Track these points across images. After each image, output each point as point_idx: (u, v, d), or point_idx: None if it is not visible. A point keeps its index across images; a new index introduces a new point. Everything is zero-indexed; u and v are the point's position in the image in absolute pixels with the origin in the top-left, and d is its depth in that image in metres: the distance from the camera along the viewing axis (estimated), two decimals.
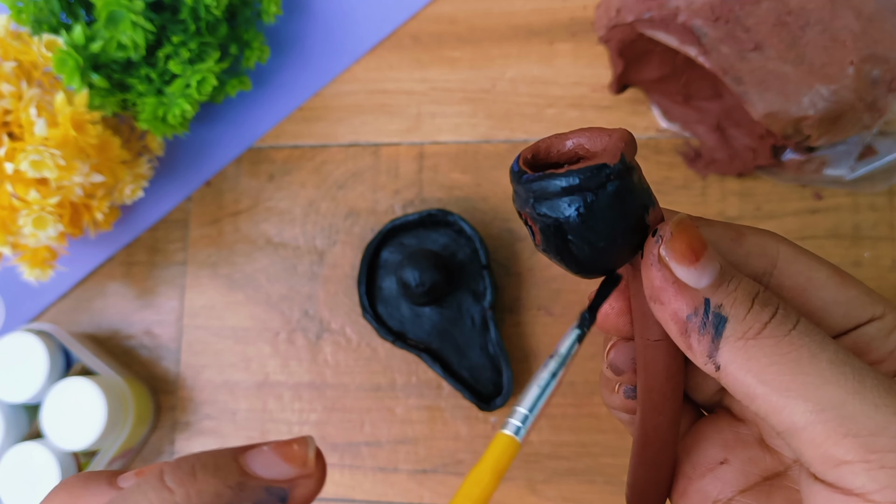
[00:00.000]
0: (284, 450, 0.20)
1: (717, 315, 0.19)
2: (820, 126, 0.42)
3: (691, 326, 0.20)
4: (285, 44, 0.56)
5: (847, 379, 0.19)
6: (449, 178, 0.53)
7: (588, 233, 0.19)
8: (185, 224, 0.56)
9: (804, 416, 0.18)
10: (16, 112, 0.45)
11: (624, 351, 0.25)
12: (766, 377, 0.19)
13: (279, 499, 0.19)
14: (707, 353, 0.20)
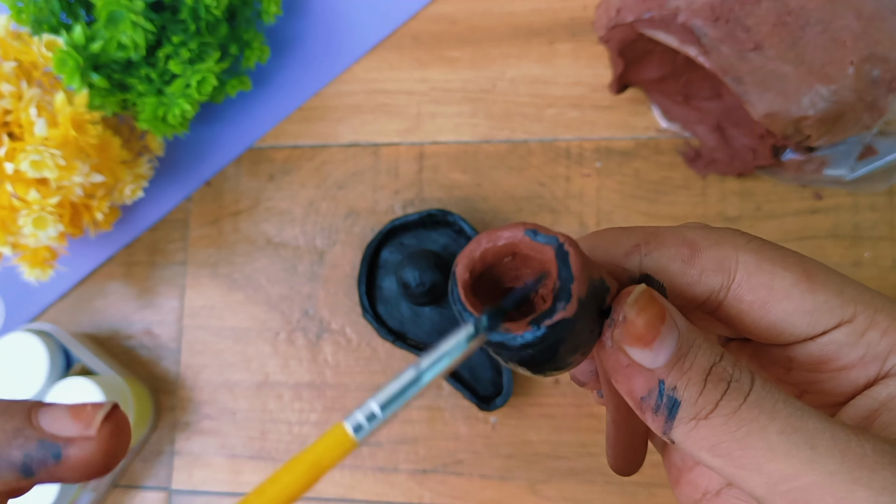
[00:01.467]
0: (76, 409, 0.19)
1: (671, 398, 0.19)
2: (820, 126, 0.42)
3: (645, 406, 0.20)
4: (285, 44, 0.56)
5: (799, 448, 0.18)
6: (449, 178, 0.53)
7: (549, 360, 0.19)
8: (185, 224, 0.56)
9: (761, 489, 0.18)
10: (16, 112, 0.45)
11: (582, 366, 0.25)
12: (719, 452, 0.19)
13: (52, 454, 0.19)
14: (661, 430, 0.20)
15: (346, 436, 0.18)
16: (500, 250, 0.20)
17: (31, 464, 0.18)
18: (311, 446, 0.19)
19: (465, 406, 0.51)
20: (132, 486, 0.54)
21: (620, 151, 0.51)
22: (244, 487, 0.52)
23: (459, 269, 0.20)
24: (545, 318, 0.18)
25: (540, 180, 0.52)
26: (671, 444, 0.20)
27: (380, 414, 0.18)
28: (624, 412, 0.25)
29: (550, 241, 0.19)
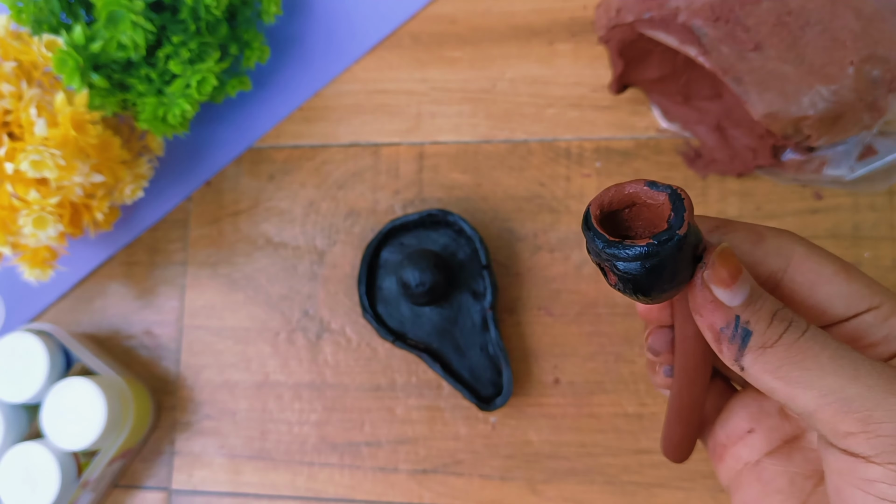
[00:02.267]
0: None
1: (744, 329, 0.24)
2: (820, 126, 0.42)
3: (723, 336, 0.24)
4: (285, 44, 0.56)
5: (844, 369, 0.23)
6: (449, 178, 0.53)
7: (656, 280, 0.23)
8: (185, 224, 0.56)
9: (812, 401, 0.23)
10: (16, 112, 0.45)
11: (661, 336, 0.30)
12: (780, 374, 0.24)
13: None
14: (734, 357, 0.24)
15: None
16: (623, 198, 0.24)
17: None
18: None
19: (465, 406, 0.51)
20: (132, 486, 0.54)
21: (620, 151, 0.51)
22: (244, 487, 0.52)
23: (592, 207, 0.24)
24: (662, 235, 0.22)
25: (540, 180, 0.52)
26: (740, 371, 0.24)
27: None
28: (690, 394, 0.29)
29: (666, 189, 0.23)
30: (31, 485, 0.47)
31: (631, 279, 0.23)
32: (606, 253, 0.23)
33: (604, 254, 0.23)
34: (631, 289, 0.23)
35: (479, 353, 0.50)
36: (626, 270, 0.23)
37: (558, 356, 0.50)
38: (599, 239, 0.23)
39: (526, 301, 0.51)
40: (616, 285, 0.24)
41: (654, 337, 0.30)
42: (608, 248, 0.23)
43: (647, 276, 0.23)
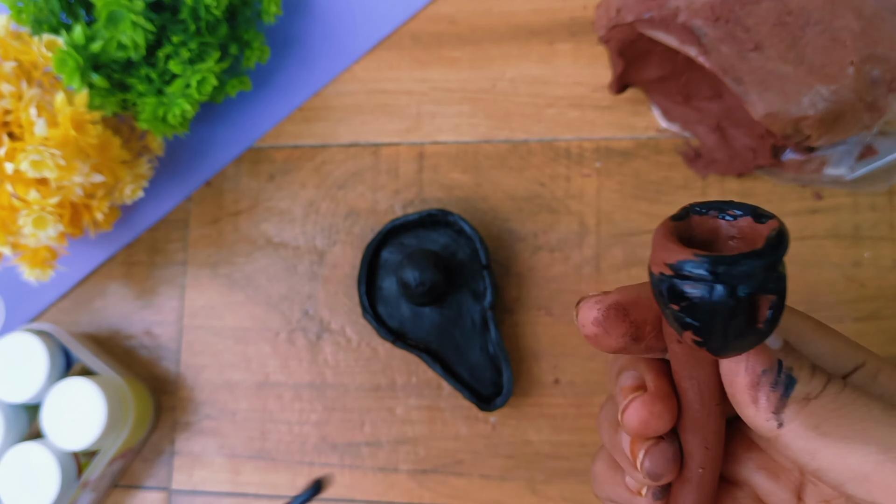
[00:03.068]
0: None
1: (788, 376, 0.21)
2: (820, 126, 0.42)
3: (763, 381, 0.21)
4: (285, 44, 0.56)
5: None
6: (449, 178, 0.53)
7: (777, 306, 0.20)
8: (186, 224, 0.56)
9: (869, 458, 0.20)
10: (16, 112, 0.45)
11: (664, 452, 0.23)
12: (827, 430, 0.20)
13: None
14: (773, 409, 0.21)
15: None
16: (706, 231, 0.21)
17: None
18: None
19: (465, 406, 0.51)
20: (132, 486, 0.54)
21: (620, 151, 0.51)
22: (244, 488, 0.52)
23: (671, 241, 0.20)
24: (773, 249, 0.19)
25: (540, 180, 0.52)
26: (774, 428, 0.21)
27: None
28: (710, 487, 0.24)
29: (768, 218, 0.20)
30: (31, 485, 0.47)
31: (707, 307, 0.19)
32: (735, 271, 0.19)
33: (726, 274, 0.19)
34: (703, 325, 0.19)
35: (479, 353, 0.50)
36: (756, 289, 0.19)
37: (558, 356, 0.50)
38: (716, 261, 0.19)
39: (526, 301, 0.51)
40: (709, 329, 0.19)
41: (653, 456, 0.23)
42: (736, 264, 0.19)
43: (722, 307, 0.19)
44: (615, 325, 0.22)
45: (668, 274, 0.19)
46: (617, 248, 0.50)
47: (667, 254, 0.19)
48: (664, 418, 0.23)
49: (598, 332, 0.23)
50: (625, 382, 0.24)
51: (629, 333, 0.23)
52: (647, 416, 0.23)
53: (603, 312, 0.22)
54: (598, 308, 0.22)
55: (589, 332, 0.23)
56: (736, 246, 0.21)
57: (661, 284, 0.20)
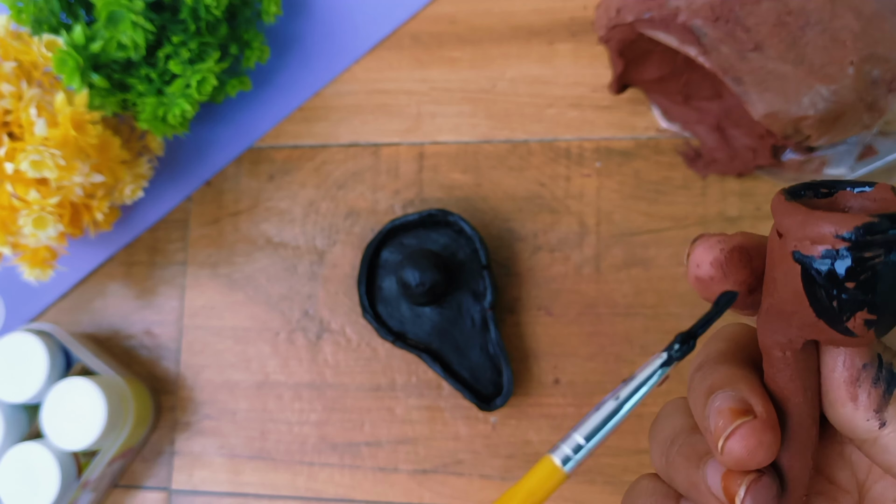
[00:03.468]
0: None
1: (890, 372, 0.19)
2: (820, 126, 0.42)
3: (864, 377, 0.19)
4: (285, 44, 0.56)
5: None
6: (449, 178, 0.53)
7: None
8: (185, 224, 0.56)
9: None
10: (16, 112, 0.45)
11: (768, 489, 0.20)
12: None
13: None
14: (876, 406, 0.19)
15: (557, 469, 0.19)
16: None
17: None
18: (522, 480, 0.19)
19: (465, 406, 0.51)
20: (132, 486, 0.54)
21: (620, 151, 0.51)
22: (244, 488, 0.52)
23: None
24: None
25: (540, 180, 0.52)
26: (876, 428, 0.19)
27: (585, 444, 0.19)
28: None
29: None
30: (31, 485, 0.47)
31: (889, 273, 0.17)
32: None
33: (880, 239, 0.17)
34: (879, 298, 0.18)
35: (479, 353, 0.50)
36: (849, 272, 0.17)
37: (558, 356, 0.50)
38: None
39: (526, 301, 0.51)
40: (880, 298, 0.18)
41: (757, 493, 0.20)
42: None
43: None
44: (737, 270, 0.20)
45: (840, 247, 0.17)
46: (617, 248, 0.50)
47: (835, 225, 0.17)
48: (773, 449, 0.20)
49: (716, 274, 0.20)
50: (724, 405, 0.20)
51: (748, 282, 0.21)
52: (755, 445, 0.20)
53: (726, 254, 0.20)
54: (721, 248, 0.20)
55: (703, 274, 0.20)
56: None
57: (831, 263, 0.18)
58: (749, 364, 0.22)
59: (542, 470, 0.19)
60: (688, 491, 0.22)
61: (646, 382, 0.19)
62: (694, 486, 0.21)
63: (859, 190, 0.19)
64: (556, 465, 0.19)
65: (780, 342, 0.20)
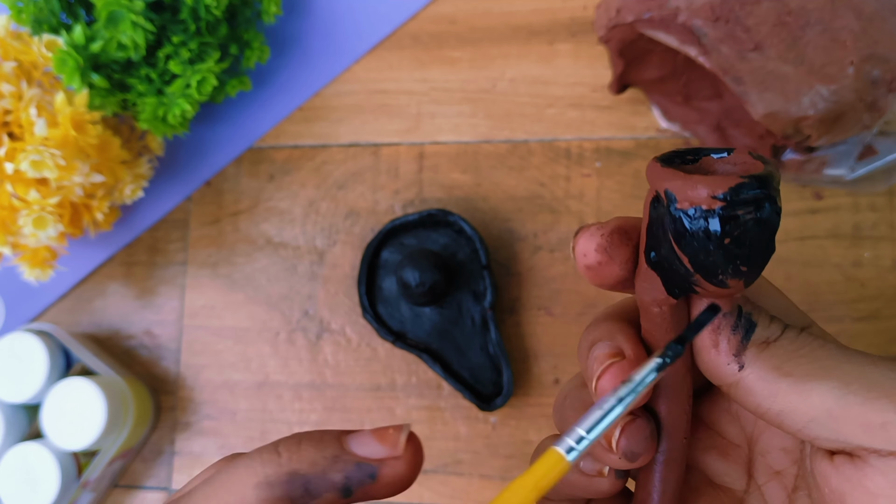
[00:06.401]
0: (380, 433, 0.21)
1: (748, 320, 0.22)
2: (820, 126, 0.42)
3: (724, 324, 0.22)
4: (285, 44, 0.56)
5: (858, 357, 0.21)
6: (449, 178, 0.53)
7: (772, 231, 0.20)
8: (186, 224, 0.56)
9: (832, 393, 0.20)
10: (16, 112, 0.45)
11: (641, 430, 0.23)
12: (788, 370, 0.21)
13: (368, 474, 0.21)
14: (734, 351, 0.21)
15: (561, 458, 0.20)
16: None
17: (351, 485, 0.21)
18: (528, 471, 0.20)
19: (465, 406, 0.51)
20: (132, 486, 0.54)
21: (620, 151, 0.51)
22: None
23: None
24: (767, 171, 0.19)
25: (540, 180, 0.52)
26: (736, 371, 0.21)
27: (586, 436, 0.20)
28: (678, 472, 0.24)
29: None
30: (31, 485, 0.47)
31: (758, 228, 0.19)
32: (734, 199, 0.19)
33: (728, 202, 0.19)
34: (749, 251, 0.20)
35: (479, 353, 0.50)
36: (761, 218, 0.19)
37: (558, 356, 0.50)
38: (710, 185, 0.19)
39: (526, 301, 0.51)
40: (718, 257, 0.20)
41: (630, 435, 0.23)
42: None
43: (770, 224, 0.19)
44: (619, 250, 0.22)
45: (716, 206, 0.19)
46: None
47: (709, 187, 0.19)
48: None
49: (602, 258, 0.22)
50: (599, 352, 0.23)
51: (632, 259, 0.22)
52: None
53: (607, 237, 0.22)
54: (602, 233, 0.22)
55: (591, 262, 0.22)
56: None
57: (706, 221, 0.19)
58: (628, 321, 0.24)
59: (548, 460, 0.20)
60: None
61: (641, 383, 0.21)
62: None
63: (720, 156, 0.21)
64: (560, 454, 0.20)
65: (657, 298, 0.22)
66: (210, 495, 0.21)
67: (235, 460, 0.21)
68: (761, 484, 0.26)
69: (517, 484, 0.20)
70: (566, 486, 0.25)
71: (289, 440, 0.21)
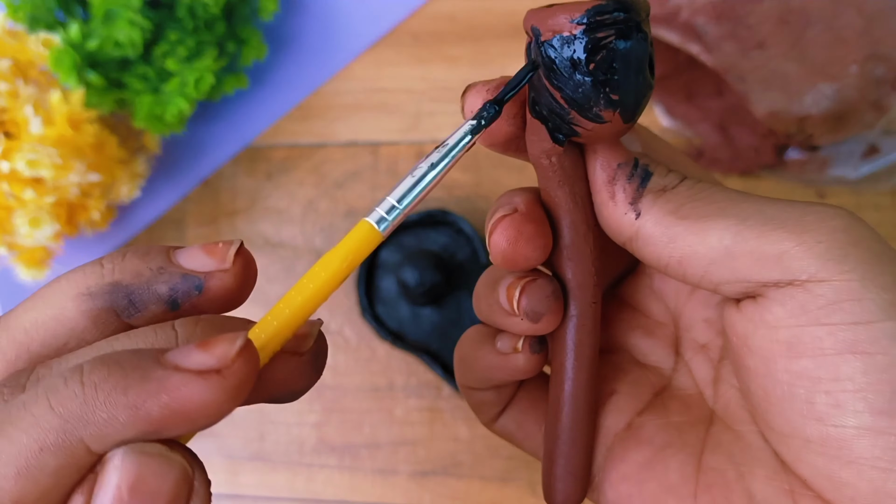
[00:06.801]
0: (209, 247, 0.21)
1: (644, 169, 0.21)
2: (823, 125, 0.42)
3: (620, 174, 0.21)
4: (283, 41, 0.56)
5: (756, 198, 0.20)
6: (449, 177, 0.53)
7: (642, 63, 0.20)
8: (182, 223, 0.55)
9: (729, 230, 0.20)
10: (12, 110, 0.45)
11: (541, 288, 0.23)
12: (686, 213, 0.20)
13: (194, 286, 0.21)
14: (630, 199, 0.21)
15: (373, 229, 0.20)
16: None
17: (177, 296, 0.20)
18: (339, 244, 0.20)
19: (465, 407, 0.50)
20: None
21: None
22: (242, 489, 0.52)
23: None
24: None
25: None
26: (634, 219, 0.21)
27: (398, 206, 0.20)
28: (591, 369, 0.24)
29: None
30: None
31: (623, 52, 0.19)
32: (637, 7, 0.19)
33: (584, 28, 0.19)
34: (618, 77, 0.19)
35: None
36: (625, 48, 0.19)
37: None
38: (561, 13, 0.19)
39: None
40: (581, 95, 0.19)
41: (531, 294, 0.23)
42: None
43: (635, 48, 0.19)
44: (507, 105, 0.21)
45: (576, 31, 0.19)
46: None
47: (568, 12, 0.19)
48: (536, 242, 0.22)
49: None
50: (496, 211, 0.23)
51: (521, 115, 0.22)
52: (515, 234, 0.22)
53: (492, 92, 0.21)
54: (487, 89, 0.22)
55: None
56: None
57: (570, 47, 0.19)
58: (531, 189, 0.24)
59: (359, 232, 0.20)
60: (491, 316, 0.24)
61: (455, 147, 0.20)
62: (493, 309, 0.24)
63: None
64: (371, 226, 0.20)
65: (545, 149, 0.21)
66: (29, 308, 0.21)
67: (60, 276, 0.21)
68: (688, 359, 0.26)
69: (327, 256, 0.20)
70: (487, 370, 0.25)
71: (114, 253, 0.21)
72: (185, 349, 0.18)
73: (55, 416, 0.16)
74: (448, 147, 0.20)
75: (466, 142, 0.20)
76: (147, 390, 0.17)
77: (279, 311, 0.20)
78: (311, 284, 0.20)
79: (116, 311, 0.20)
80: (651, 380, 0.26)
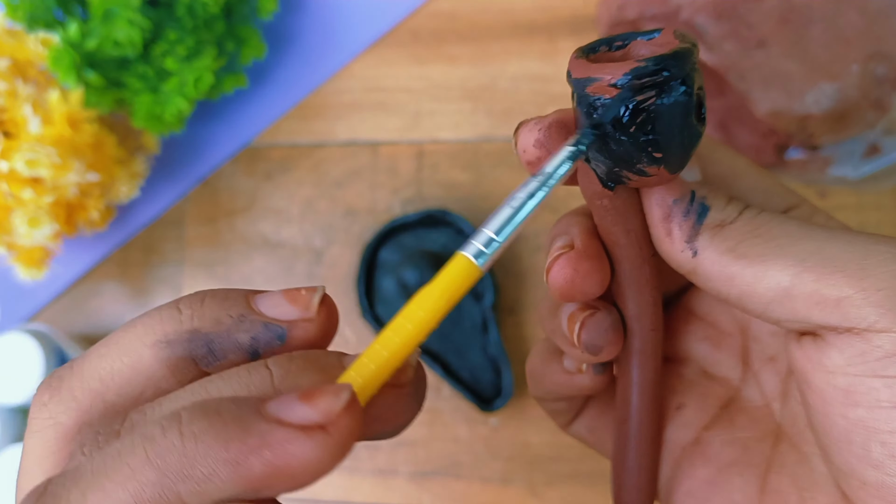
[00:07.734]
0: (291, 294, 0.20)
1: (701, 204, 0.21)
2: (824, 124, 0.42)
3: (675, 210, 0.21)
4: (282, 41, 0.56)
5: (817, 232, 0.20)
6: (448, 176, 0.53)
7: (684, 118, 0.19)
8: (181, 223, 0.55)
9: (787, 271, 0.19)
10: (10, 110, 0.45)
11: (599, 322, 0.23)
12: (744, 251, 0.20)
13: (276, 336, 0.19)
14: (687, 237, 0.21)
15: (471, 264, 0.19)
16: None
17: (258, 346, 0.19)
18: (435, 280, 0.19)
19: (465, 408, 0.50)
20: None
21: None
22: None
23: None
24: (679, 50, 0.18)
25: None
26: (691, 257, 0.20)
27: (497, 239, 0.19)
28: (652, 391, 0.24)
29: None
30: None
31: (663, 112, 0.18)
32: (680, 64, 0.18)
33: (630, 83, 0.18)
34: (659, 137, 0.19)
35: (479, 354, 0.49)
36: (664, 102, 0.18)
37: None
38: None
39: (526, 301, 0.51)
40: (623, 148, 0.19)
41: (589, 327, 0.23)
42: (678, 58, 0.18)
43: (679, 107, 0.18)
44: (558, 144, 0.21)
45: (615, 94, 0.18)
46: None
47: (607, 74, 0.18)
48: (593, 278, 0.22)
49: (542, 154, 0.21)
50: (555, 245, 0.23)
51: None
52: (571, 273, 0.22)
53: (544, 132, 0.21)
54: (540, 128, 0.21)
55: (531, 157, 0.21)
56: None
57: (610, 109, 0.19)
58: (588, 215, 0.24)
59: (457, 267, 0.19)
60: (554, 339, 0.25)
61: (553, 174, 0.20)
62: (556, 334, 0.24)
63: (648, 37, 0.20)
64: (469, 260, 0.19)
65: (596, 192, 0.22)
66: (104, 354, 0.19)
67: (134, 319, 0.20)
68: (756, 370, 0.25)
69: (424, 293, 0.19)
70: (555, 386, 0.26)
71: (192, 297, 0.20)
72: (288, 401, 0.17)
73: (153, 469, 0.16)
74: (546, 175, 0.19)
75: (566, 169, 0.20)
76: (249, 445, 0.16)
77: (376, 352, 0.19)
78: (408, 325, 0.19)
79: (194, 359, 0.19)
80: (718, 392, 0.26)
